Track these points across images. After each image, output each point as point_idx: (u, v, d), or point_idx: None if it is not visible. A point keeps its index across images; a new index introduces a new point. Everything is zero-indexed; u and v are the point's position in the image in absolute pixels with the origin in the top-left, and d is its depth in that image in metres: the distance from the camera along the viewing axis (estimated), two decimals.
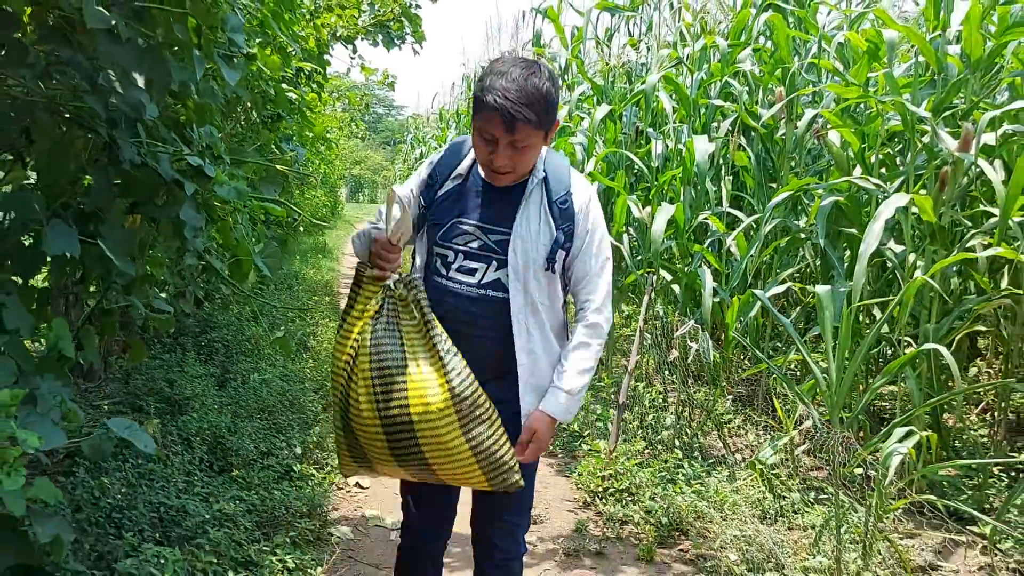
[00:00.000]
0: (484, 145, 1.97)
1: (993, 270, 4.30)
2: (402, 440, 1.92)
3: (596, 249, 2.11)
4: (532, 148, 1.97)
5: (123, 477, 2.97)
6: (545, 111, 1.93)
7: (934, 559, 3.31)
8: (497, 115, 1.88)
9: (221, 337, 5.34)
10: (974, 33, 3.77)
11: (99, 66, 2.24)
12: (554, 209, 2.05)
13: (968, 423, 4.63)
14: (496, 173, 2.01)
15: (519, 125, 1.89)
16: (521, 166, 2.00)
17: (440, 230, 2.08)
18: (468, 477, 1.96)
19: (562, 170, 2.11)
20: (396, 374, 1.91)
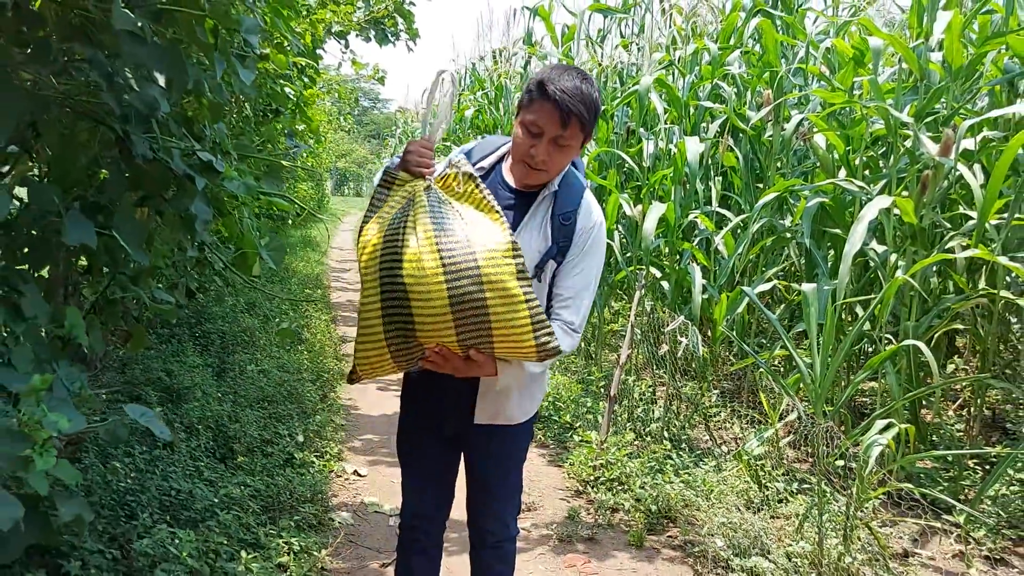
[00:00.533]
0: (528, 138, 1.99)
1: (972, 270, 4.45)
2: (467, 289, 1.89)
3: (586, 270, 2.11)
4: (570, 151, 2.01)
5: (131, 463, 3.06)
6: (593, 119, 1.99)
7: (911, 546, 3.45)
8: (555, 107, 1.92)
9: (217, 328, 5.42)
10: (955, 42, 3.91)
11: (117, 65, 2.33)
12: (555, 222, 2.07)
13: (945, 418, 4.79)
14: (531, 169, 2.02)
15: (573, 121, 1.93)
16: (555, 167, 2.03)
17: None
18: (520, 340, 1.94)
19: (577, 190, 2.13)
20: (456, 229, 1.94)
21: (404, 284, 1.91)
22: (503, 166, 2.15)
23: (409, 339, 1.97)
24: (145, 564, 2.41)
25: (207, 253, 3.81)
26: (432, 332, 1.92)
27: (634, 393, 5.03)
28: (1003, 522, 3.56)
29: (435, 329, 1.92)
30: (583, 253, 2.10)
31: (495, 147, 2.19)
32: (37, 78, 2.20)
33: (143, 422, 2.08)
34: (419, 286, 1.90)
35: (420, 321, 1.92)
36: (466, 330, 1.92)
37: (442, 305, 1.89)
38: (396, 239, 1.95)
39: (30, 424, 1.63)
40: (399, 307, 1.95)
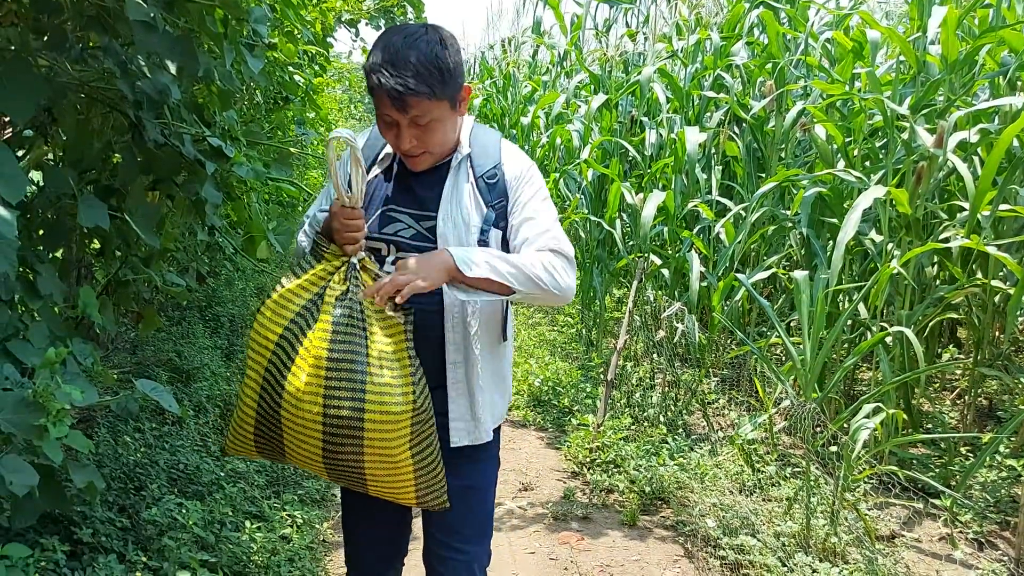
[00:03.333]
0: (387, 129, 1.79)
1: (967, 260, 4.51)
2: (343, 444, 1.69)
3: (534, 212, 1.90)
4: (439, 122, 1.77)
5: (141, 438, 3.17)
6: (440, 79, 1.71)
7: (899, 529, 3.54)
8: (384, 95, 1.70)
9: (226, 311, 5.54)
10: (951, 36, 3.97)
11: (130, 53, 2.42)
12: (481, 185, 1.87)
13: (942, 407, 4.86)
14: (412, 157, 1.83)
15: (411, 101, 1.69)
16: (434, 145, 1.81)
17: (371, 222, 1.86)
18: (397, 492, 1.78)
19: (490, 144, 1.93)
20: (357, 371, 1.69)
21: (280, 407, 1.74)
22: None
23: (275, 449, 1.83)
24: (153, 532, 2.53)
25: (217, 237, 3.91)
26: (300, 460, 1.79)
27: (632, 379, 5.12)
28: (990, 507, 3.64)
29: (304, 460, 1.77)
30: (530, 200, 1.91)
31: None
32: (53, 65, 2.29)
33: (153, 396, 2.18)
34: (295, 421, 1.72)
35: (289, 445, 1.77)
36: (336, 474, 1.77)
37: (314, 449, 1.72)
38: (288, 350, 1.75)
39: (44, 395, 1.71)
40: (272, 422, 1.78)
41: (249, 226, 3.51)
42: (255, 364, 1.80)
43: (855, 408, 3.49)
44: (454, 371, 1.88)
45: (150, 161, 2.58)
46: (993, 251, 3.57)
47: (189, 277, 4.71)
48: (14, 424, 1.65)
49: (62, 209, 2.41)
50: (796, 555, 3.06)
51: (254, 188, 3.58)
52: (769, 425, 4.17)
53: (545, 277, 1.81)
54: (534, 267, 1.80)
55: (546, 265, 1.82)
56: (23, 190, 1.72)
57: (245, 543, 2.66)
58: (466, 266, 1.74)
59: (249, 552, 2.63)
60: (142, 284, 3.68)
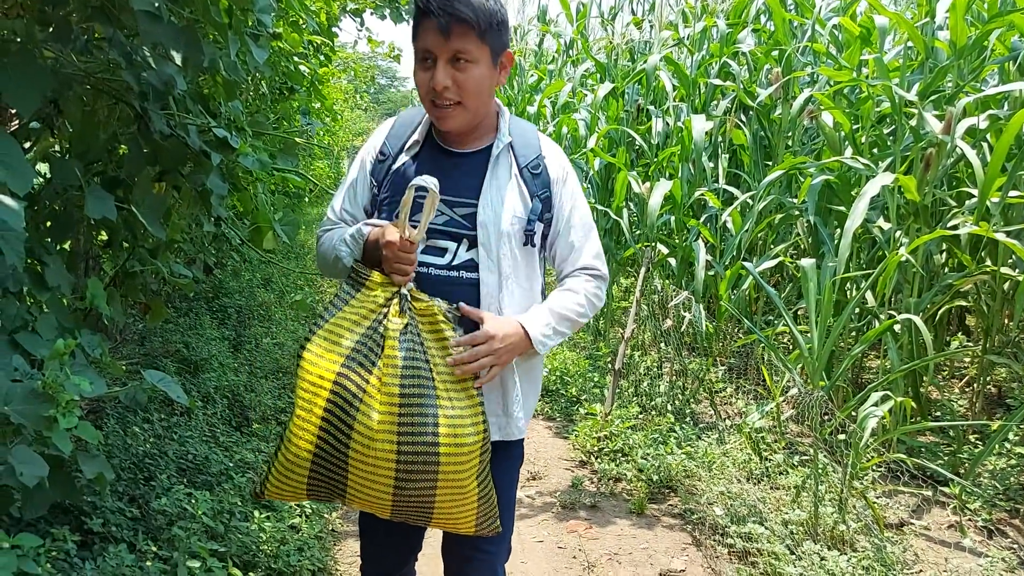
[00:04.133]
0: (423, 70, 1.71)
1: (975, 248, 4.49)
2: (417, 480, 1.64)
3: (580, 221, 1.89)
4: (476, 67, 1.69)
5: (150, 429, 3.19)
6: (488, 22, 1.67)
7: (907, 517, 3.53)
8: (430, 18, 1.64)
9: (233, 303, 5.55)
10: (959, 21, 3.94)
11: (135, 43, 2.42)
12: (525, 175, 1.82)
13: (951, 395, 4.84)
14: (441, 109, 1.73)
15: (456, 28, 1.64)
16: (469, 96, 1.72)
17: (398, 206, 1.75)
18: (459, 521, 1.74)
19: (529, 134, 1.89)
20: (428, 405, 1.64)
21: (348, 447, 1.65)
22: (434, 135, 1.88)
23: (333, 491, 1.74)
24: (163, 522, 2.54)
25: (224, 228, 3.92)
26: (364, 500, 1.70)
27: (640, 368, 5.11)
28: (999, 494, 3.63)
29: (368, 499, 1.69)
30: (572, 199, 1.89)
31: (418, 119, 1.90)
32: (59, 56, 2.29)
33: (161, 386, 2.18)
34: (366, 459, 1.64)
35: (353, 487, 1.68)
36: (401, 511, 1.71)
37: (384, 488, 1.65)
38: (352, 387, 1.66)
39: (54, 386, 1.72)
40: (334, 462, 1.68)
41: (255, 216, 3.52)
42: (309, 404, 1.69)
43: (863, 396, 3.48)
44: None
45: (156, 152, 2.58)
46: (1002, 238, 3.55)
47: (196, 268, 4.74)
48: (24, 415, 1.65)
49: (69, 201, 2.41)
50: (804, 543, 3.06)
51: (260, 178, 3.58)
52: (777, 413, 4.16)
53: (589, 312, 1.88)
54: (580, 309, 1.85)
55: (588, 301, 1.87)
56: (30, 182, 1.72)
57: (254, 533, 2.67)
58: (542, 346, 1.78)
59: (258, 542, 2.64)
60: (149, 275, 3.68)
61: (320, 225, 1.97)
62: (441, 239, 1.78)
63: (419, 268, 1.76)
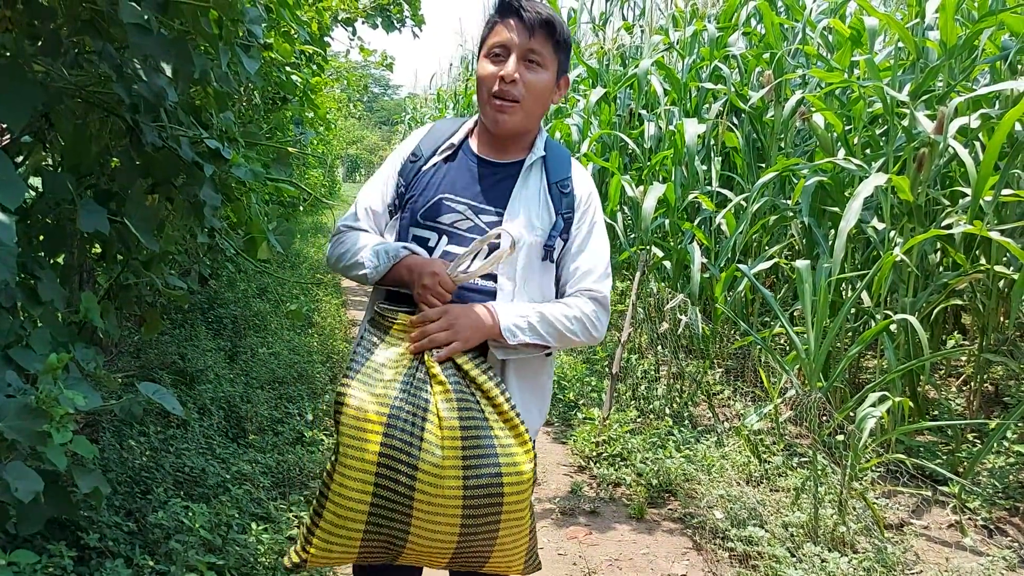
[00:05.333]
0: (492, 65, 1.75)
1: (970, 247, 4.49)
2: (484, 515, 1.59)
3: (594, 248, 1.85)
4: (545, 72, 1.75)
5: (146, 442, 3.17)
6: (563, 40, 1.76)
7: (907, 517, 3.53)
8: (518, 18, 1.71)
9: (229, 313, 5.54)
10: (949, 21, 3.95)
11: (125, 56, 2.42)
12: (554, 191, 1.81)
13: (948, 394, 4.85)
14: (502, 103, 1.74)
15: (539, 28, 1.71)
16: (530, 99, 1.75)
17: (424, 207, 1.79)
18: (512, 560, 1.69)
19: (563, 155, 1.90)
20: (483, 436, 1.60)
21: (414, 489, 1.56)
22: (471, 142, 1.88)
23: (391, 544, 1.62)
24: (160, 536, 2.52)
25: (218, 239, 3.91)
26: (424, 549, 1.61)
27: (637, 371, 5.11)
28: (998, 493, 3.62)
29: (429, 548, 1.61)
30: (591, 226, 1.86)
31: (455, 126, 1.92)
32: (49, 70, 2.28)
33: (156, 398, 2.17)
34: (433, 500, 1.56)
35: (416, 535, 1.59)
36: (462, 554, 1.64)
37: (450, 530, 1.59)
38: (408, 427, 1.59)
39: (47, 401, 1.71)
40: (396, 510, 1.58)
41: (249, 227, 3.51)
42: (359, 451, 1.58)
43: (861, 397, 3.48)
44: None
45: (148, 164, 2.58)
46: (996, 236, 3.56)
47: (191, 279, 4.72)
48: (17, 431, 1.64)
49: (62, 214, 2.40)
50: (805, 545, 3.05)
51: (253, 189, 3.58)
52: (775, 415, 4.16)
53: (579, 332, 1.78)
54: (569, 323, 1.76)
55: (581, 318, 1.78)
56: (22, 196, 1.71)
57: (252, 545, 2.65)
58: (511, 334, 1.70)
59: (256, 554, 2.63)
60: (144, 287, 3.67)
61: (341, 218, 1.92)
62: (461, 245, 1.75)
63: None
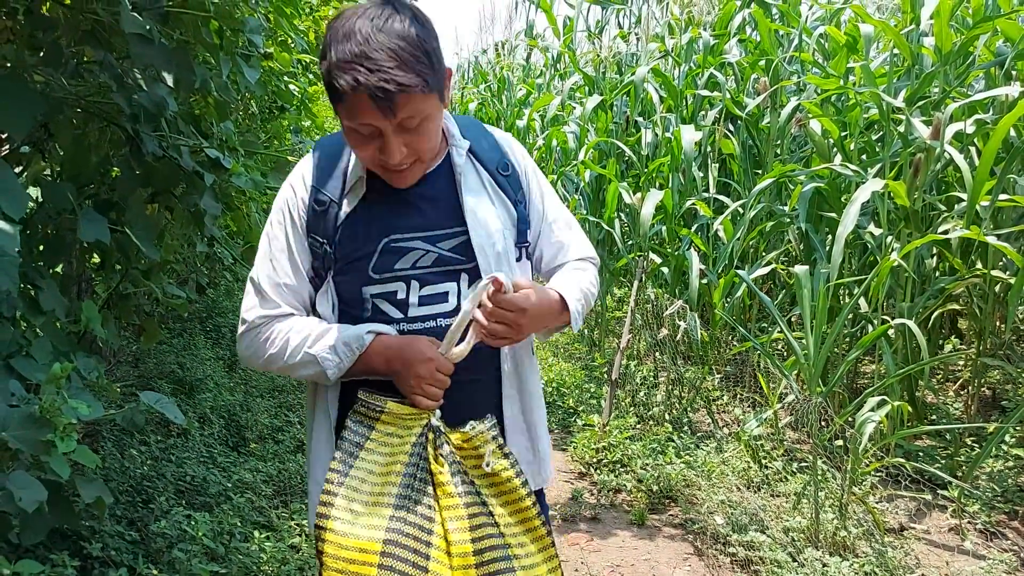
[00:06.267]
0: (365, 143, 1.40)
1: (966, 252, 4.51)
2: None
3: (556, 211, 1.67)
4: (431, 120, 1.40)
5: (147, 451, 3.17)
6: (429, 65, 1.35)
7: (907, 521, 3.54)
8: (366, 98, 1.31)
9: (228, 322, 5.54)
10: (944, 27, 3.97)
11: (126, 66, 2.43)
12: (498, 179, 1.58)
13: (945, 398, 4.86)
14: (398, 173, 1.45)
15: (399, 99, 1.31)
16: (426, 150, 1.44)
17: (372, 261, 1.49)
18: None
19: (480, 131, 1.62)
20: (501, 557, 1.39)
21: None
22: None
23: None
24: (163, 545, 2.52)
25: (216, 248, 3.91)
26: None
27: (636, 378, 5.11)
28: (997, 496, 3.63)
29: None
30: (545, 194, 1.66)
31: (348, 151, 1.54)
32: (49, 80, 2.29)
33: (158, 408, 2.18)
34: None
35: None
36: None
37: None
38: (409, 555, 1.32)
39: (51, 411, 1.71)
40: None
41: (248, 236, 3.51)
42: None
43: (860, 401, 3.49)
44: (511, 406, 1.59)
45: (148, 174, 2.58)
46: (993, 241, 3.58)
47: (189, 289, 4.73)
48: (21, 440, 1.65)
49: (61, 224, 2.41)
50: (806, 550, 3.06)
51: (253, 198, 3.58)
52: (774, 420, 4.17)
53: (591, 299, 1.63)
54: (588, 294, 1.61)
55: (593, 284, 1.64)
56: (25, 205, 1.72)
57: (255, 553, 2.66)
58: (575, 322, 1.54)
59: (259, 562, 2.63)
60: (143, 297, 3.67)
61: (245, 308, 1.55)
62: (438, 283, 1.50)
63: (425, 323, 1.49)
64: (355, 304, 1.51)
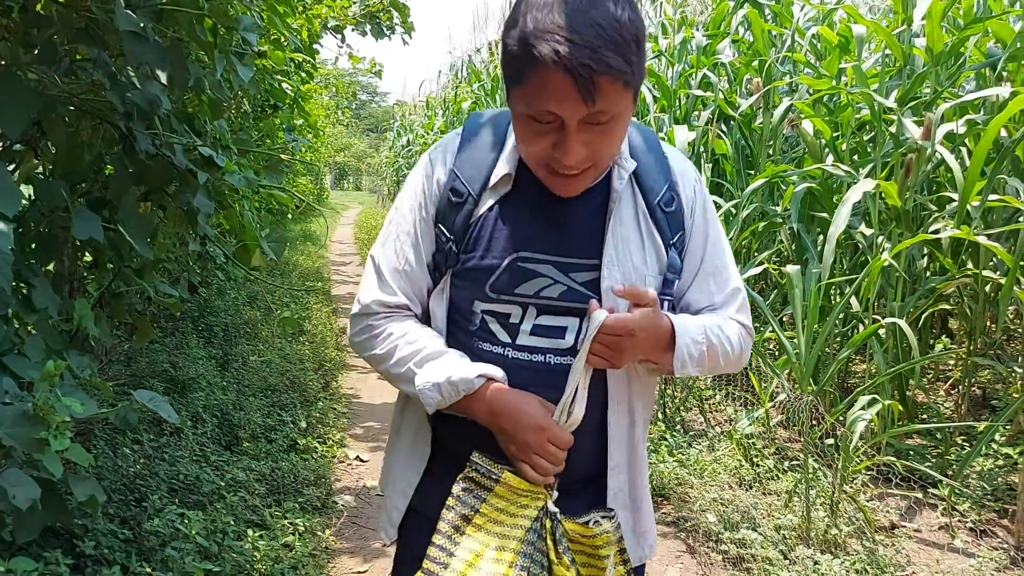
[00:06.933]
0: (539, 136, 1.17)
1: (958, 251, 4.54)
2: None
3: (719, 262, 1.37)
4: (620, 121, 1.18)
5: (140, 450, 3.17)
6: (637, 54, 1.14)
7: (898, 519, 3.56)
8: (561, 76, 1.09)
9: (220, 321, 5.53)
10: (936, 28, 4.00)
11: (119, 64, 2.42)
12: (657, 215, 1.31)
13: (936, 397, 4.89)
14: (566, 178, 1.22)
15: (603, 84, 1.10)
16: (606, 158, 1.22)
17: (493, 276, 1.28)
18: None
19: (653, 149, 1.35)
20: None
21: None
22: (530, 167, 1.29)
23: None
24: (156, 543, 2.52)
25: (209, 247, 3.90)
26: None
27: None
28: (987, 495, 3.66)
29: None
30: (716, 240, 1.38)
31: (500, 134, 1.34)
32: (43, 78, 2.29)
33: (152, 406, 2.18)
34: None
35: None
36: None
37: None
38: None
39: (45, 408, 1.71)
40: None
41: (241, 234, 3.51)
42: None
43: (851, 400, 3.51)
44: (615, 477, 1.35)
45: (142, 172, 2.58)
46: (984, 241, 3.60)
47: (180, 287, 4.72)
48: (15, 438, 1.65)
49: (54, 222, 2.40)
50: (797, 548, 3.07)
51: (246, 196, 3.58)
52: (766, 419, 4.18)
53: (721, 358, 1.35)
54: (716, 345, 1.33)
55: (730, 342, 1.35)
56: (19, 203, 1.72)
57: (248, 552, 2.66)
58: (682, 364, 1.28)
59: (252, 560, 2.63)
60: (135, 296, 3.67)
61: (363, 290, 1.39)
62: (557, 316, 1.29)
63: (533, 356, 1.28)
64: (464, 315, 1.32)
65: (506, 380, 1.27)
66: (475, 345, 1.31)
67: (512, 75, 1.16)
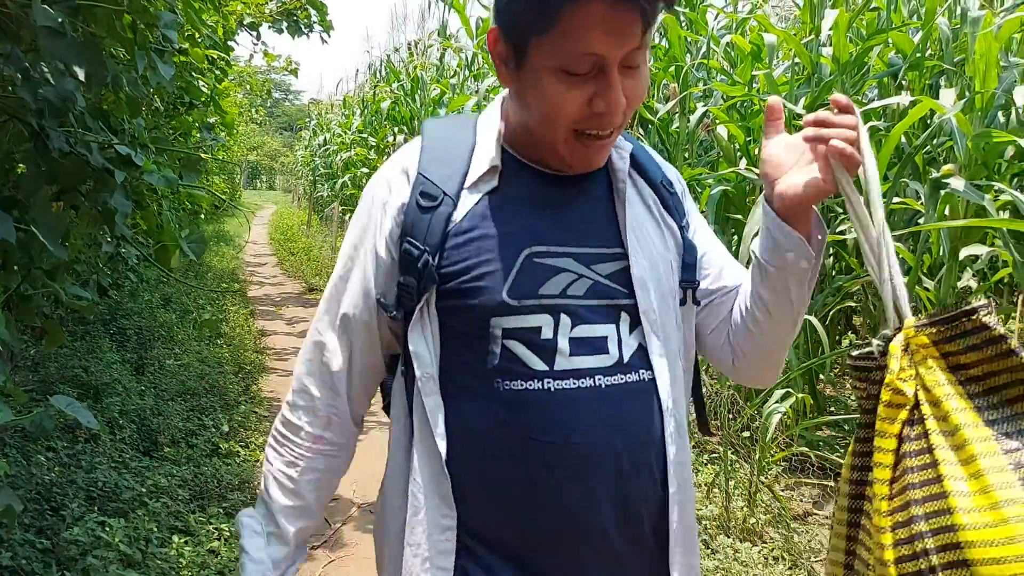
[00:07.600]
0: (574, 90, 0.98)
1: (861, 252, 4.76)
2: None
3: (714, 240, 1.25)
4: (644, 68, 1.02)
5: (55, 458, 3.06)
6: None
7: (811, 507, 3.72)
8: (603, 9, 0.94)
9: (133, 324, 5.37)
10: (842, 38, 4.19)
11: (32, 59, 2.34)
12: (663, 195, 1.17)
13: (843, 391, 5.12)
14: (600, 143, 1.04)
15: (651, 10, 0.96)
16: (631, 112, 1.04)
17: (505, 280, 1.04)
18: None
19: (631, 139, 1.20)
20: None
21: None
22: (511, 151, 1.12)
23: None
24: (76, 552, 2.45)
25: (121, 248, 3.79)
26: None
27: None
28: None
29: None
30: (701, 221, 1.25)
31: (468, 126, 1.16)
32: None
33: (70, 412, 2.11)
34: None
35: None
36: None
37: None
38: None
39: None
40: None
41: (160, 235, 3.43)
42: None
43: (766, 394, 3.65)
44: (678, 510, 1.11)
45: (55, 170, 2.50)
46: None
47: (90, 290, 4.56)
48: None
49: None
50: (718, 537, 3.18)
51: (164, 195, 3.50)
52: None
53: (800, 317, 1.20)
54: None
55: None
56: None
57: (173, 558, 2.60)
58: (822, 237, 1.13)
59: (178, 567, 2.58)
60: (43, 298, 3.53)
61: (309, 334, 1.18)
62: (594, 321, 1.06)
63: (580, 381, 1.03)
64: (476, 342, 1.05)
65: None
66: (498, 388, 1.04)
67: (535, 22, 0.98)
